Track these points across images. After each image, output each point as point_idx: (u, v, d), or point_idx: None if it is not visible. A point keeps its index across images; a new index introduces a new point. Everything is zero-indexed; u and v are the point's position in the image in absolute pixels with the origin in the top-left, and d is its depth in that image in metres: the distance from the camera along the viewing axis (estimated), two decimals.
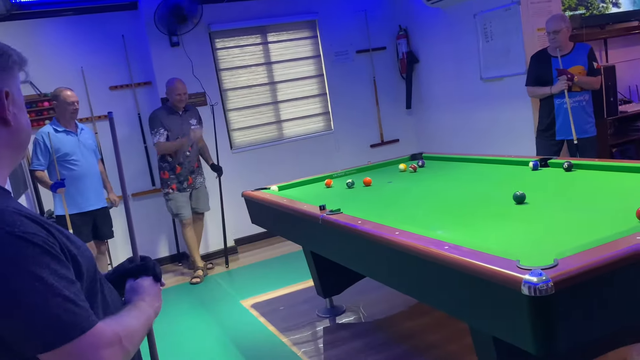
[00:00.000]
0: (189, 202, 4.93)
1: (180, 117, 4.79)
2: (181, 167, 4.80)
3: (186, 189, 4.86)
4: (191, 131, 4.78)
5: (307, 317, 3.64)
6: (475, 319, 1.81)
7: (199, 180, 4.98)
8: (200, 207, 5.03)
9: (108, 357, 0.97)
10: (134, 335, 1.07)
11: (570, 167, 2.87)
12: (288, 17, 5.84)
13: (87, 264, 1.07)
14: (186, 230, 4.92)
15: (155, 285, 1.25)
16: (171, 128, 4.71)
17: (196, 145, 4.91)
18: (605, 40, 5.63)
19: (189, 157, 4.84)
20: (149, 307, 1.18)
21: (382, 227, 2.20)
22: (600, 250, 1.56)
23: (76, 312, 0.95)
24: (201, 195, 5.01)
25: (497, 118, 5.19)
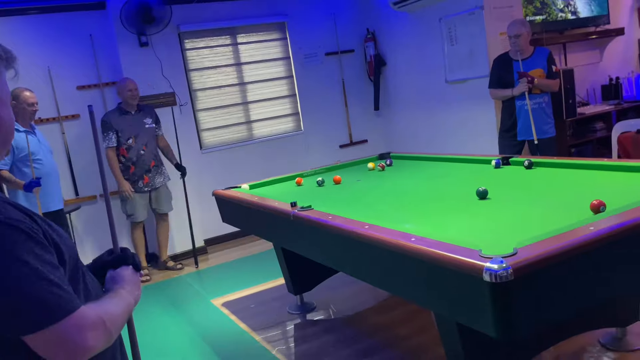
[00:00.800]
0: (146, 204, 4.93)
1: (132, 116, 4.81)
2: (135, 167, 4.81)
3: (143, 189, 4.86)
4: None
5: (278, 314, 3.69)
6: (440, 307, 1.89)
7: (159, 179, 4.96)
8: (161, 208, 5.02)
9: (92, 339, 1.01)
10: (116, 319, 1.11)
11: (530, 165, 3.00)
12: (257, 19, 5.89)
13: (69, 251, 1.11)
14: (135, 232, 4.95)
15: (135, 274, 1.29)
16: (123, 129, 4.73)
17: (152, 144, 4.91)
18: (564, 45, 5.85)
19: (143, 156, 4.84)
20: (129, 294, 1.21)
21: (352, 222, 2.27)
22: (557, 240, 1.66)
23: (61, 294, 0.98)
24: (161, 195, 5.00)
25: (461, 119, 5.35)
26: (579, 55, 6.05)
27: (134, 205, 4.85)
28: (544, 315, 1.62)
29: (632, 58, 6.56)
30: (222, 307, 3.98)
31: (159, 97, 5.26)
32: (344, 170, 4.03)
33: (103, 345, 1.05)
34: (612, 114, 5.58)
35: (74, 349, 0.99)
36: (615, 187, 2.37)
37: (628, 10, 6.47)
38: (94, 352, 1.03)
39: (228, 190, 3.67)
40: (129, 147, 4.79)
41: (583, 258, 1.63)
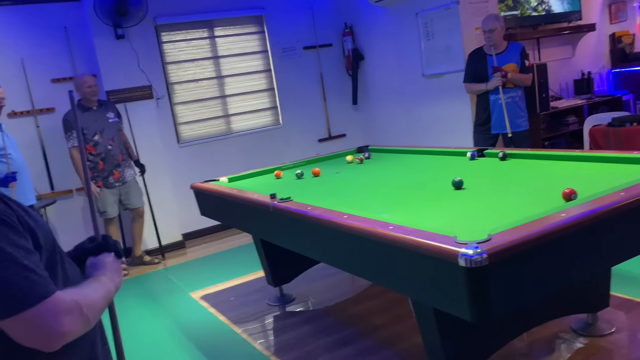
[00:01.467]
0: (117, 200, 4.89)
1: (95, 112, 4.74)
2: (104, 162, 4.75)
3: (114, 184, 4.82)
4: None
5: (257, 306, 3.70)
6: (418, 293, 1.94)
7: (129, 173, 4.92)
8: (132, 203, 4.98)
9: (67, 324, 1.01)
10: (94, 305, 1.10)
11: (504, 156, 3.06)
12: (235, 12, 5.87)
13: (46, 236, 1.11)
14: (110, 228, 4.89)
15: (117, 261, 1.29)
16: (87, 125, 4.66)
17: (118, 138, 4.87)
18: (537, 40, 5.96)
19: (112, 151, 4.78)
20: (110, 281, 1.22)
21: (331, 212, 2.30)
22: (529, 226, 1.71)
23: (35, 279, 0.98)
24: (131, 190, 4.95)
25: (438, 113, 5.42)
26: (552, 50, 6.17)
27: (105, 202, 4.78)
28: (517, 298, 1.67)
29: (603, 53, 6.71)
30: (201, 300, 3.98)
31: (136, 90, 5.22)
32: (323, 163, 4.06)
33: (80, 330, 1.05)
34: (584, 107, 5.71)
35: (49, 334, 0.99)
36: (586, 177, 2.44)
37: (599, 6, 6.61)
38: (70, 337, 1.03)
39: (207, 183, 3.67)
40: (95, 144, 4.71)
41: (555, 243, 1.69)
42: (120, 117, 4.97)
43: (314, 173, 3.54)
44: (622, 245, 1.93)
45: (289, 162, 4.12)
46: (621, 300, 2.93)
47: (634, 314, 2.80)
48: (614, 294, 2.87)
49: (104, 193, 4.78)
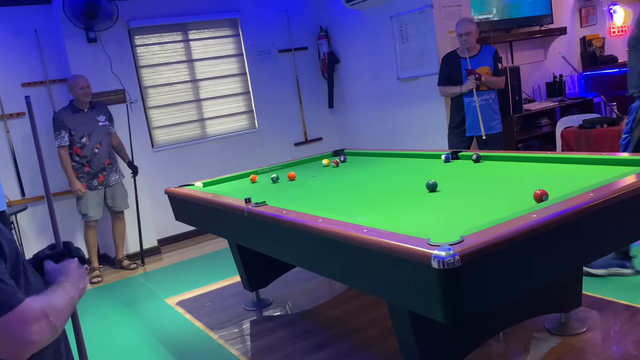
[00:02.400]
0: (101, 202, 4.84)
1: (85, 114, 4.72)
2: (89, 165, 4.73)
3: (98, 187, 4.78)
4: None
5: (233, 311, 3.67)
6: (393, 296, 1.94)
7: (113, 177, 4.89)
8: (117, 205, 4.95)
9: (36, 332, 0.99)
10: (60, 313, 1.08)
11: (478, 158, 3.09)
12: (209, 15, 5.84)
13: (9, 245, 1.08)
14: (89, 232, 4.85)
15: (80, 267, 1.26)
16: (75, 127, 4.65)
17: (106, 142, 4.82)
18: (510, 44, 6.05)
19: (98, 154, 4.76)
20: (74, 288, 1.18)
21: (306, 216, 2.29)
22: (501, 227, 1.73)
23: (3, 289, 0.96)
24: (117, 193, 4.93)
25: (413, 115, 5.45)
26: (525, 53, 6.27)
27: (87, 204, 4.74)
28: (490, 299, 1.68)
29: (574, 56, 6.84)
30: (176, 306, 3.93)
31: (109, 94, 5.15)
32: (299, 167, 4.05)
33: (48, 339, 1.03)
34: (556, 110, 5.81)
35: (18, 344, 0.97)
36: (557, 178, 2.47)
37: (570, 10, 6.74)
38: (38, 346, 1.01)
39: (181, 188, 3.63)
40: (82, 146, 4.70)
41: (526, 244, 1.71)
42: (112, 120, 4.94)
43: (289, 177, 3.52)
44: (592, 245, 1.96)
45: (264, 166, 4.10)
46: (593, 299, 2.97)
47: (605, 313, 2.84)
48: (586, 293, 2.92)
49: (87, 195, 4.72)
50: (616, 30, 7.25)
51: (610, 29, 7.21)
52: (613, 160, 2.54)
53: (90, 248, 4.87)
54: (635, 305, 2.85)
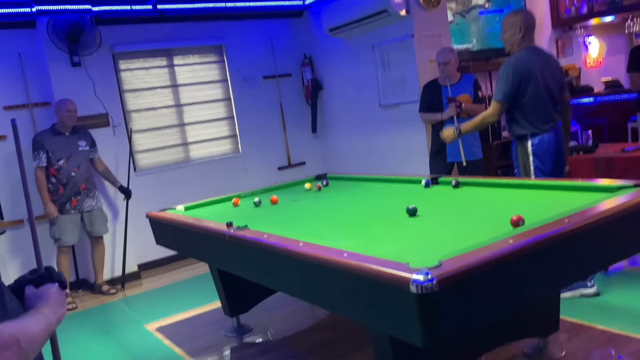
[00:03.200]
0: (77, 228, 4.79)
1: (66, 137, 4.72)
2: (64, 188, 4.70)
3: (70, 211, 4.73)
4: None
5: (213, 337, 3.63)
6: (372, 321, 1.95)
7: (88, 203, 4.84)
8: (95, 231, 4.90)
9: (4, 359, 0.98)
10: (32, 339, 1.06)
11: (457, 184, 3.14)
12: (194, 42, 5.89)
13: None
14: (62, 257, 4.77)
15: (61, 292, 1.25)
16: (54, 149, 4.64)
17: (84, 166, 4.81)
18: (489, 72, 6.19)
19: (74, 178, 4.74)
20: (52, 313, 1.18)
21: (287, 240, 2.30)
22: (478, 252, 1.76)
23: None
24: (95, 218, 4.89)
25: (394, 141, 5.52)
26: None
27: (62, 229, 4.69)
28: (468, 323, 1.70)
29: None
30: (156, 332, 3.88)
31: (92, 118, 5.14)
32: (282, 191, 4.06)
33: None
34: None
35: None
36: (534, 204, 2.52)
37: (547, 40, 6.93)
38: None
39: (162, 212, 3.62)
40: (59, 168, 4.68)
41: (503, 269, 1.74)
42: (94, 146, 4.94)
43: (272, 201, 3.54)
44: (568, 270, 2.00)
45: (247, 190, 4.11)
46: (571, 324, 3.01)
47: (583, 338, 2.87)
48: (564, 318, 2.95)
49: (60, 219, 4.67)
50: (591, 61, 7.45)
51: (585, 60, 7.41)
52: (589, 187, 2.60)
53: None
54: (611, 330, 2.88)
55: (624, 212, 2.10)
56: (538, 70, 3.34)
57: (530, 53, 3.40)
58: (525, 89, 3.33)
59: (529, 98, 3.34)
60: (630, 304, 3.22)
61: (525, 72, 3.31)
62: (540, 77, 3.35)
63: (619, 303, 3.25)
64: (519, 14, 3.50)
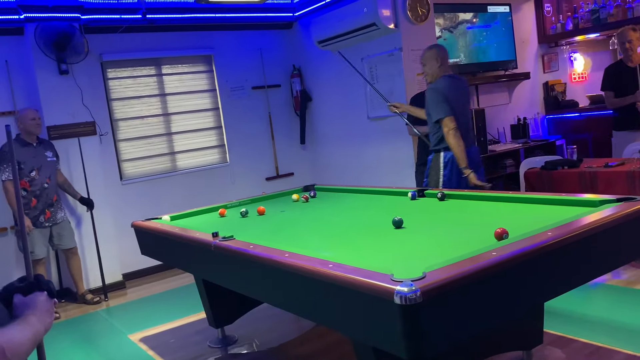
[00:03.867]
0: (46, 240, 4.72)
1: (34, 148, 4.66)
2: (37, 200, 4.62)
3: (44, 224, 4.67)
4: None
5: (198, 348, 3.60)
6: (357, 332, 1.95)
7: (60, 214, 4.80)
8: (64, 244, 4.83)
9: None
10: (18, 347, 1.06)
11: (443, 197, 3.16)
12: (183, 51, 5.90)
13: None
14: (37, 269, 4.65)
15: (49, 301, 1.25)
16: (25, 160, 4.56)
17: (54, 178, 4.76)
18: (476, 87, 6.26)
19: (47, 190, 4.67)
20: (39, 322, 1.17)
21: (272, 251, 2.30)
22: (462, 264, 1.77)
23: None
24: (63, 230, 4.82)
25: (381, 153, 5.55)
26: (490, 96, 6.48)
27: (33, 242, 4.59)
28: (451, 335, 1.71)
29: (537, 100, 7.10)
30: (140, 343, 3.84)
31: (79, 126, 5.11)
32: (269, 201, 4.06)
33: None
34: (520, 151, 5.98)
35: None
36: (519, 217, 2.54)
37: (533, 56, 7.03)
38: None
39: (147, 221, 3.60)
40: (32, 180, 4.59)
41: (486, 281, 1.75)
42: (57, 157, 4.87)
43: (258, 211, 3.54)
44: (551, 282, 2.01)
45: (234, 200, 4.11)
46: (554, 337, 3.02)
47: (567, 351, 2.89)
48: (548, 331, 2.97)
49: (32, 232, 4.60)
50: (577, 77, 7.57)
51: (571, 75, 7.52)
52: (572, 201, 2.63)
53: None
54: (594, 343, 2.91)
55: (607, 226, 2.13)
56: (454, 94, 3.86)
57: (448, 80, 3.90)
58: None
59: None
60: (613, 317, 3.24)
61: (449, 95, 3.80)
62: (459, 100, 3.88)
63: (602, 316, 3.28)
64: (433, 49, 4.00)
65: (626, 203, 2.35)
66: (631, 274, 3.87)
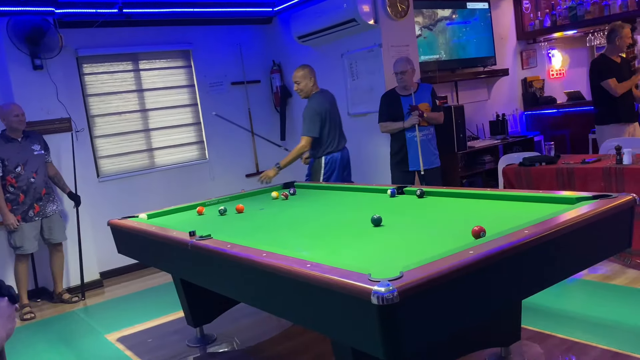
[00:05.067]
0: (37, 234, 4.65)
1: (19, 143, 4.57)
2: (25, 195, 4.55)
3: (34, 218, 4.60)
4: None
5: (176, 347, 3.56)
6: (335, 332, 1.93)
7: (50, 207, 4.72)
8: (54, 237, 4.76)
9: None
10: None
11: (422, 194, 3.16)
12: (161, 46, 5.82)
13: None
14: (20, 266, 4.62)
15: (10, 307, 1.21)
16: (9, 156, 4.49)
17: (42, 171, 4.68)
18: (455, 83, 6.28)
19: (34, 184, 4.60)
20: (1, 328, 1.14)
21: (250, 250, 2.28)
22: (439, 263, 1.76)
23: None
24: (54, 224, 4.75)
25: (362, 150, 5.54)
26: (469, 93, 6.51)
27: (23, 236, 4.54)
28: (429, 334, 1.70)
29: (516, 97, 7.16)
30: (117, 343, 3.79)
31: (54, 122, 5.01)
32: (248, 199, 4.03)
33: None
34: (499, 147, 6.02)
35: None
36: (497, 215, 2.55)
37: (512, 53, 7.08)
38: None
39: (124, 220, 3.54)
40: (17, 176, 4.52)
41: (463, 279, 1.75)
42: (47, 149, 4.78)
43: (237, 209, 3.50)
44: (528, 280, 2.02)
45: (213, 198, 4.06)
46: (532, 332, 3.05)
47: (545, 346, 2.91)
48: (525, 327, 2.99)
49: (22, 227, 4.53)
50: (555, 73, 7.64)
51: (549, 72, 7.60)
52: (550, 198, 2.65)
53: (21, 282, 4.64)
54: (571, 338, 2.94)
55: (583, 223, 2.14)
56: (327, 105, 4.59)
57: (321, 95, 4.64)
58: (325, 122, 4.53)
59: (327, 129, 4.55)
60: (589, 312, 3.28)
61: (323, 110, 4.52)
62: (331, 110, 4.61)
63: (578, 311, 3.31)
64: (306, 68, 4.66)
65: (602, 200, 2.37)
66: (607, 269, 3.92)
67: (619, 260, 3.98)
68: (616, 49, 4.92)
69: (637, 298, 3.42)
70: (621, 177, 3.83)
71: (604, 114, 5.00)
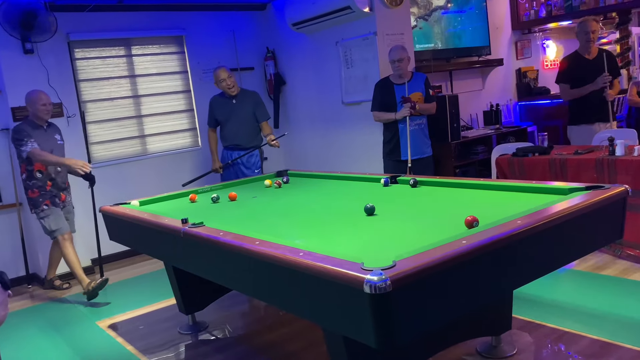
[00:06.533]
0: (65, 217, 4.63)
1: (45, 131, 4.52)
2: (52, 183, 4.52)
3: (59, 206, 4.58)
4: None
5: (168, 335, 3.56)
6: (327, 321, 1.93)
7: (68, 199, 4.72)
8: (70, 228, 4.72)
9: None
10: None
11: (415, 183, 3.16)
12: (154, 32, 5.76)
13: None
14: (67, 247, 4.49)
15: (3, 293, 1.21)
16: (40, 142, 4.40)
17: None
18: (450, 72, 6.26)
19: (60, 173, 4.58)
20: None
21: (242, 238, 2.27)
22: (432, 253, 1.77)
23: None
24: (70, 215, 4.73)
25: (356, 139, 5.53)
26: (464, 82, 6.50)
27: (57, 219, 4.49)
28: (421, 324, 1.70)
29: (510, 87, 7.15)
30: (108, 329, 3.78)
31: None
32: (241, 187, 4.01)
33: None
34: (493, 137, 6.02)
35: None
36: (490, 205, 2.56)
37: (506, 43, 7.06)
38: None
39: (116, 206, 3.52)
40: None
41: (455, 269, 1.75)
42: (63, 140, 4.72)
43: (230, 197, 3.49)
44: (520, 270, 2.03)
45: (205, 186, 4.04)
46: (523, 322, 3.07)
47: (535, 336, 2.94)
48: (516, 317, 3.01)
49: (53, 210, 4.49)
50: (549, 64, 7.64)
51: (543, 62, 7.59)
52: (542, 189, 2.66)
53: (75, 264, 4.47)
54: (561, 328, 2.96)
55: (575, 214, 2.15)
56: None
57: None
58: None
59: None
60: (580, 302, 3.31)
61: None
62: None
63: (569, 301, 3.34)
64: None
65: (594, 191, 2.38)
66: (598, 259, 3.95)
67: (610, 251, 4.00)
68: (582, 46, 4.88)
69: (627, 288, 3.45)
70: (613, 169, 3.85)
71: (575, 114, 4.96)
